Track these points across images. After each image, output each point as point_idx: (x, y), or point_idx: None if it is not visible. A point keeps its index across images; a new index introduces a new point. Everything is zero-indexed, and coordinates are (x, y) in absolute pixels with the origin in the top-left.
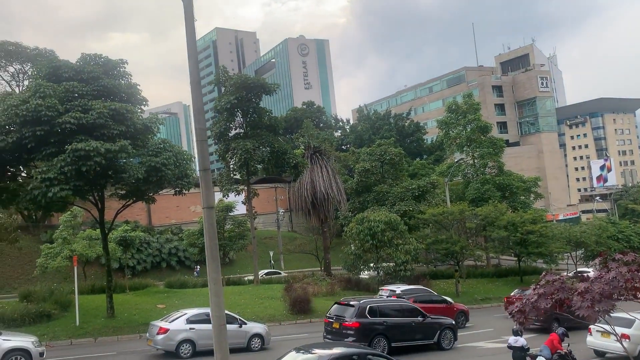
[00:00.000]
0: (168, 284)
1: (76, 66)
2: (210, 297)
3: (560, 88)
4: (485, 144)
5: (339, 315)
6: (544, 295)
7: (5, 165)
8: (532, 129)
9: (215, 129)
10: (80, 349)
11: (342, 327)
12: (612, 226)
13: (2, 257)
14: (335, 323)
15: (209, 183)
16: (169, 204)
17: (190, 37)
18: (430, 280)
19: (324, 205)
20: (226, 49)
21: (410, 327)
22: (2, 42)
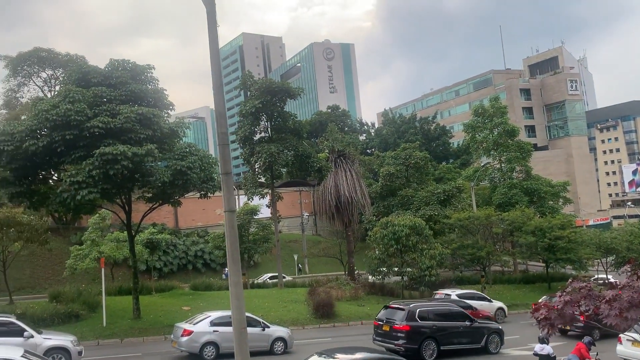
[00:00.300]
0: (193, 286)
1: (105, 72)
2: (231, 300)
3: (591, 91)
4: (512, 148)
5: (389, 319)
6: (571, 303)
7: (37, 168)
8: (561, 133)
9: (240, 133)
10: (107, 349)
11: (392, 329)
12: None
13: (33, 258)
14: (385, 326)
15: (231, 187)
16: (195, 207)
17: (213, 42)
18: (456, 286)
19: (348, 209)
20: (252, 53)
21: (458, 331)
22: (36, 49)
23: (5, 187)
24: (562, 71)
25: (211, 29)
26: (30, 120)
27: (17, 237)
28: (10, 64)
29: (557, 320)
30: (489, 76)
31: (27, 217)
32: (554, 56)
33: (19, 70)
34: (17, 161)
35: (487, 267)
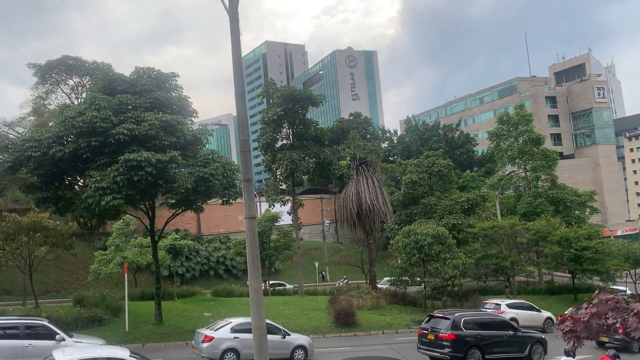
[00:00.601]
0: (215, 292)
1: (130, 79)
2: (251, 307)
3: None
4: (537, 156)
5: (434, 327)
6: (597, 315)
7: (63, 174)
8: (588, 141)
9: (262, 140)
10: None
11: (438, 338)
12: None
13: (59, 263)
14: (430, 334)
15: (252, 194)
16: (217, 214)
17: (236, 51)
18: (480, 296)
19: (370, 217)
20: (275, 61)
21: (502, 340)
22: (63, 57)
23: (33, 192)
24: (589, 78)
25: (234, 38)
26: (57, 126)
27: (43, 242)
28: (39, 71)
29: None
30: (514, 83)
31: (53, 222)
32: (580, 63)
33: (47, 77)
34: (44, 167)
35: (511, 278)
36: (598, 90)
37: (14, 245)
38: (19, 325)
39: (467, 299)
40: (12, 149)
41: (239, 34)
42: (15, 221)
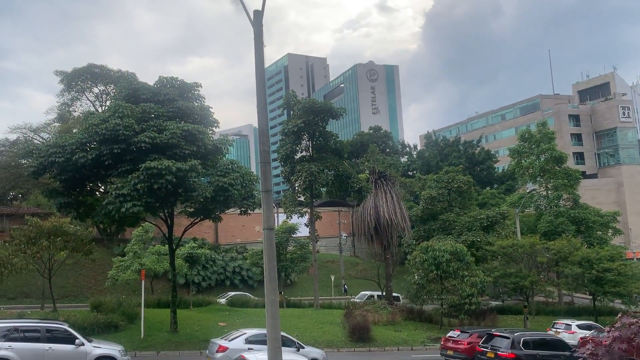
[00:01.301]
0: (230, 302)
1: (154, 88)
2: (267, 319)
3: None
4: (559, 175)
5: (494, 346)
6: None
7: (84, 180)
8: (612, 161)
9: (281, 151)
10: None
11: (498, 356)
12: None
13: (77, 268)
14: (490, 352)
15: (270, 204)
16: (235, 224)
17: (259, 62)
18: (497, 315)
19: (387, 231)
20: (297, 74)
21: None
22: (89, 65)
23: (55, 197)
24: (614, 97)
25: (258, 49)
26: (81, 133)
27: (63, 247)
28: (65, 79)
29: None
30: (537, 101)
31: (73, 227)
32: (605, 82)
33: (73, 85)
34: (66, 172)
35: (530, 297)
36: (623, 109)
37: (34, 249)
38: (40, 328)
39: (484, 317)
40: (37, 154)
41: (263, 46)
42: (37, 225)
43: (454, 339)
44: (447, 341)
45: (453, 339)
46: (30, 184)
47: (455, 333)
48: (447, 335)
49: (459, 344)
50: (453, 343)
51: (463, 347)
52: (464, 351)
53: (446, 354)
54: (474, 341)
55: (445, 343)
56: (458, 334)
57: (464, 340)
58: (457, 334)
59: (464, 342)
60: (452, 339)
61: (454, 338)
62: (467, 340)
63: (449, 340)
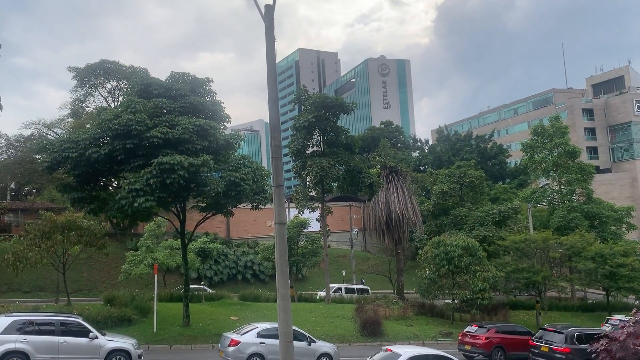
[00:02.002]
0: (242, 297)
1: (166, 84)
2: (279, 313)
3: None
4: (573, 170)
5: (548, 340)
6: (634, 335)
7: (98, 175)
8: (626, 155)
9: (292, 146)
10: (156, 354)
11: (552, 351)
12: None
13: (91, 262)
14: (543, 347)
15: (282, 199)
16: (247, 218)
17: (270, 57)
18: (510, 311)
19: (399, 226)
20: (308, 68)
21: None
22: (102, 61)
23: (69, 192)
24: (629, 91)
25: (269, 44)
26: (94, 129)
27: (77, 241)
28: (79, 75)
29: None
30: (550, 95)
31: (87, 222)
32: (619, 76)
33: (86, 81)
34: (80, 167)
35: (542, 293)
36: (637, 103)
37: (49, 243)
38: (55, 322)
39: (496, 312)
40: (51, 149)
41: (274, 41)
42: (51, 220)
43: (472, 334)
44: (464, 336)
45: (471, 334)
46: (44, 179)
47: (473, 328)
48: (465, 331)
49: (477, 339)
50: (471, 338)
51: (481, 342)
52: (481, 346)
53: (464, 349)
54: (491, 336)
55: (463, 338)
56: (476, 329)
57: (481, 335)
58: (475, 329)
59: (482, 337)
60: (470, 334)
61: (471, 333)
62: (485, 335)
63: (467, 335)
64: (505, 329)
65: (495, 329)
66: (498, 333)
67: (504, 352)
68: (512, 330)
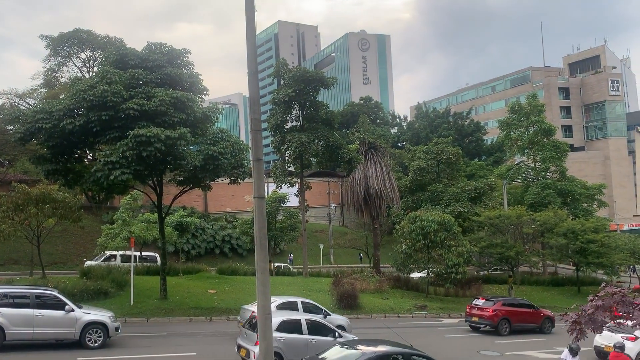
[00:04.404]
0: (220, 270)
1: (142, 54)
2: (257, 286)
3: (633, 92)
4: (547, 147)
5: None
6: (602, 308)
7: (72, 147)
8: (600, 134)
9: (272, 121)
10: (133, 327)
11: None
12: None
13: (66, 235)
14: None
15: (261, 173)
16: (224, 193)
17: (250, 28)
18: (483, 285)
19: (376, 201)
20: (287, 42)
21: None
22: (75, 30)
23: (42, 164)
24: (604, 71)
25: (249, 14)
26: (68, 99)
27: (52, 214)
28: (52, 44)
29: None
30: (527, 73)
31: (61, 194)
32: (595, 55)
33: (59, 50)
34: (54, 139)
35: (515, 267)
36: (612, 82)
37: (22, 216)
38: (30, 294)
39: (469, 286)
40: (23, 120)
41: (254, 11)
42: (24, 192)
43: (479, 306)
44: (472, 308)
45: (478, 306)
46: (17, 151)
47: (480, 301)
48: (472, 303)
49: (484, 311)
50: (478, 310)
51: (489, 314)
52: (489, 318)
53: (471, 321)
54: (498, 309)
55: (471, 310)
56: (483, 302)
57: (489, 307)
58: (482, 302)
59: (490, 310)
60: (478, 307)
61: (479, 305)
62: (493, 308)
63: (474, 307)
64: (510, 301)
65: (502, 302)
66: (504, 306)
67: (509, 324)
68: (516, 303)
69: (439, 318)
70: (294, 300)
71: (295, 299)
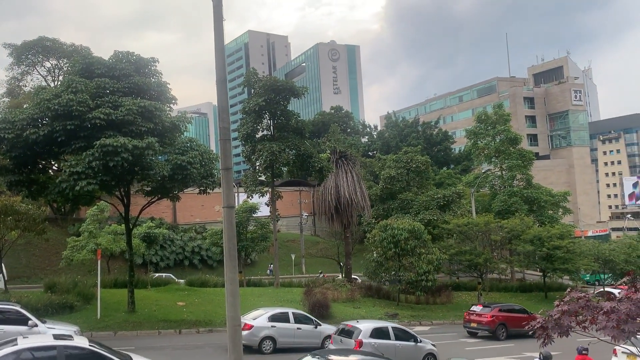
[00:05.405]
0: (189, 282)
1: (109, 63)
2: (227, 297)
3: (594, 102)
4: (514, 156)
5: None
6: (568, 313)
7: (36, 157)
8: (564, 143)
9: (242, 130)
10: (100, 341)
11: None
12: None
13: (30, 248)
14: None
15: (230, 182)
16: (194, 203)
17: (218, 36)
18: (453, 292)
19: (348, 210)
20: (258, 51)
21: None
22: (40, 38)
23: (4, 175)
24: (567, 81)
25: (217, 22)
26: (32, 109)
27: (15, 226)
28: (15, 52)
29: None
30: (493, 83)
31: (25, 206)
32: (559, 66)
33: (23, 58)
34: (17, 149)
35: (484, 274)
36: (575, 93)
37: None
38: None
39: (440, 294)
40: None
41: (222, 19)
42: None
43: (477, 312)
44: (470, 315)
45: (476, 312)
46: None
47: (477, 308)
48: (470, 310)
49: (482, 317)
50: (476, 316)
51: (487, 320)
52: (487, 323)
53: (470, 327)
54: (496, 314)
55: (469, 316)
56: (481, 308)
57: (487, 314)
58: (480, 309)
59: (488, 316)
60: (475, 313)
61: (477, 312)
62: (490, 314)
63: (472, 313)
64: (506, 307)
65: (499, 308)
66: (501, 312)
67: (506, 329)
68: (511, 309)
69: (411, 326)
70: (286, 311)
71: (287, 310)
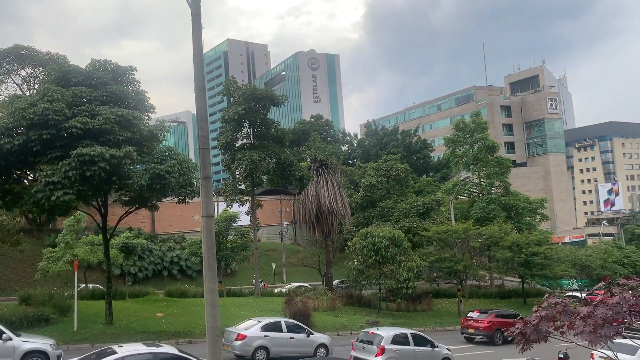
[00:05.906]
0: (168, 293)
1: (86, 71)
2: (206, 307)
3: (570, 110)
4: (491, 164)
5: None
6: (546, 318)
7: (11, 167)
8: (540, 150)
9: (222, 139)
10: (77, 354)
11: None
12: (618, 251)
13: (4, 260)
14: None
15: (209, 191)
16: (173, 213)
17: (197, 44)
18: (433, 299)
19: (328, 219)
20: (237, 60)
21: None
22: (15, 46)
23: None
24: (543, 90)
25: (195, 31)
26: (6, 118)
27: None
28: None
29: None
30: (471, 92)
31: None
32: (534, 75)
33: None
34: None
35: (463, 281)
36: (550, 101)
37: None
38: None
39: (420, 301)
40: None
41: (201, 28)
42: None
43: (474, 318)
44: (467, 321)
45: (473, 319)
46: None
47: (474, 314)
48: (467, 316)
49: (479, 322)
50: (474, 322)
51: (484, 326)
52: (484, 329)
53: (467, 332)
54: (493, 320)
55: (466, 322)
56: (478, 314)
57: (484, 319)
58: (477, 315)
59: (485, 321)
60: (473, 319)
61: (474, 318)
62: (487, 320)
63: (469, 319)
64: (502, 313)
65: (495, 314)
66: (497, 317)
67: (502, 334)
68: (506, 315)
69: None
70: (278, 320)
71: (279, 319)
